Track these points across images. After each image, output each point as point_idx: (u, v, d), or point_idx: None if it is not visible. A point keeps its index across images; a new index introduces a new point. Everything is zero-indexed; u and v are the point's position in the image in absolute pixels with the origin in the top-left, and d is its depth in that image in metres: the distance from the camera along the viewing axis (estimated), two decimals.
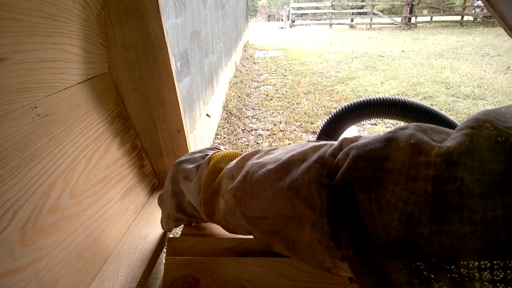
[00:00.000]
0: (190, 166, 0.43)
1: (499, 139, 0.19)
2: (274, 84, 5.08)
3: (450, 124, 0.59)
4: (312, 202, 0.26)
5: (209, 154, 0.44)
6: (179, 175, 0.43)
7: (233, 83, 4.92)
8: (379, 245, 0.22)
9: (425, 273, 0.20)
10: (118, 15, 0.58)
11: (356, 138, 0.27)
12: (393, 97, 0.61)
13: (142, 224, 0.61)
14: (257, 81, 5.32)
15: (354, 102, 0.63)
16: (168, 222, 0.49)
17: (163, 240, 0.58)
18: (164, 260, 0.46)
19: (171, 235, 0.58)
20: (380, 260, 0.22)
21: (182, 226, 0.53)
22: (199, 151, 0.47)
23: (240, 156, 0.38)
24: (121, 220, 0.58)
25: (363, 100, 0.62)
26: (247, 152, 0.38)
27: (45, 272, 0.40)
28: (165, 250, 0.53)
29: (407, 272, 0.21)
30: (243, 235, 0.39)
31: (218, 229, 0.54)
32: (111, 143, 0.60)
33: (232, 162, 0.39)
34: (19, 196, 0.39)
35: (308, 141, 0.34)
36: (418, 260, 0.20)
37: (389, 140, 0.23)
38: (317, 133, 0.66)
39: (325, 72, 5.71)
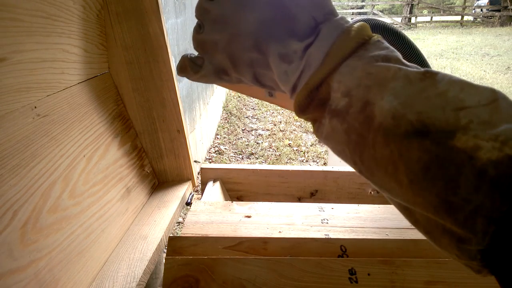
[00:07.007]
0: (295, 45, 0.29)
1: None
2: None
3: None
4: (469, 232, 0.19)
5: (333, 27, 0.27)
6: (271, 48, 0.30)
7: None
8: None
9: None
10: (118, 15, 0.59)
11: None
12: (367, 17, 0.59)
13: (142, 224, 0.61)
14: None
15: None
16: (218, 82, 0.34)
17: (163, 239, 0.58)
18: (164, 260, 0.46)
19: (170, 235, 0.58)
20: None
21: (182, 226, 0.53)
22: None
23: (368, 61, 0.24)
24: (121, 220, 0.58)
25: None
26: (383, 64, 0.24)
27: (45, 272, 0.40)
28: (165, 250, 0.53)
29: None
30: None
31: (218, 228, 0.54)
32: (111, 143, 0.60)
33: (353, 61, 0.25)
34: (19, 196, 0.39)
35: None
36: None
37: None
38: None
39: None
